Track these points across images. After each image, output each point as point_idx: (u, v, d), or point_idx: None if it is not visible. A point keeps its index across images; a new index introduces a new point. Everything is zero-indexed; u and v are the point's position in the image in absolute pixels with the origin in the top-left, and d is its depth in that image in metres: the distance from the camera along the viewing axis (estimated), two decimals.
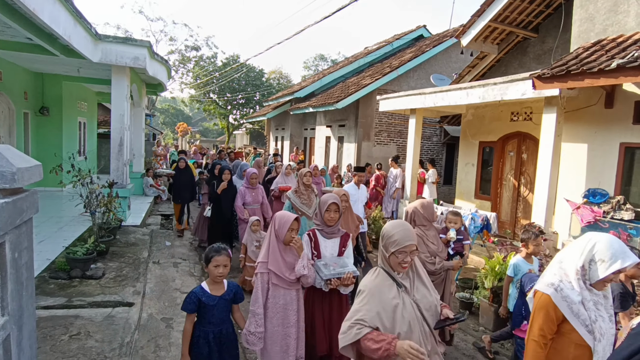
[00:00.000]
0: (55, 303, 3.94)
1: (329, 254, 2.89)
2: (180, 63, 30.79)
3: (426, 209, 3.44)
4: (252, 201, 5.73)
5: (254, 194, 5.77)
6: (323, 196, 3.01)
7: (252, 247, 4.83)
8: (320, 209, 2.93)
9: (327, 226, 2.92)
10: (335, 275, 2.66)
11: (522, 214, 7.56)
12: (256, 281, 2.63)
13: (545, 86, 5.02)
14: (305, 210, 4.91)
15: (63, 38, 5.31)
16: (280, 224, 2.67)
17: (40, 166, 1.51)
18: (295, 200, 4.96)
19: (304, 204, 4.97)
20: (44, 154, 9.06)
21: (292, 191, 5.10)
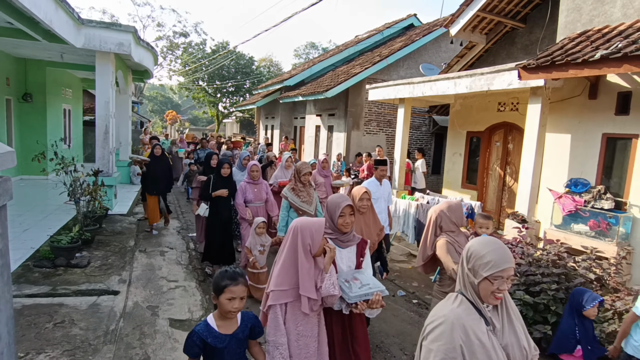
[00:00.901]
0: (39, 291, 3.92)
1: (346, 266, 2.45)
2: (168, 50, 30.26)
3: (454, 212, 3.00)
4: (254, 198, 5.02)
5: (256, 190, 5.07)
6: (332, 197, 2.55)
7: (256, 251, 4.43)
8: (330, 214, 2.48)
9: (342, 233, 2.47)
10: (363, 297, 2.21)
11: (507, 203, 7.68)
12: (273, 312, 2.13)
13: (531, 77, 5.06)
14: (306, 209, 4.49)
15: (44, 22, 5.18)
16: (311, 233, 2.14)
17: (13, 152, 1.49)
18: (294, 199, 4.47)
19: (305, 202, 4.50)
20: (28, 142, 8.90)
21: (288, 189, 4.56)
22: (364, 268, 2.48)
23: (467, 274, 1.53)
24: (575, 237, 5.06)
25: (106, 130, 7.42)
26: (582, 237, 5.03)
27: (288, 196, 4.49)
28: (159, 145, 6.96)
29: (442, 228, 2.98)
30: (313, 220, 2.24)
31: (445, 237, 2.92)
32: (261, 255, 4.45)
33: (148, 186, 6.81)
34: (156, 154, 6.87)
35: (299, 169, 4.56)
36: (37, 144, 6.53)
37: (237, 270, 1.94)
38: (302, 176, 4.52)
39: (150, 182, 6.78)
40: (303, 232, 2.14)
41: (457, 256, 2.85)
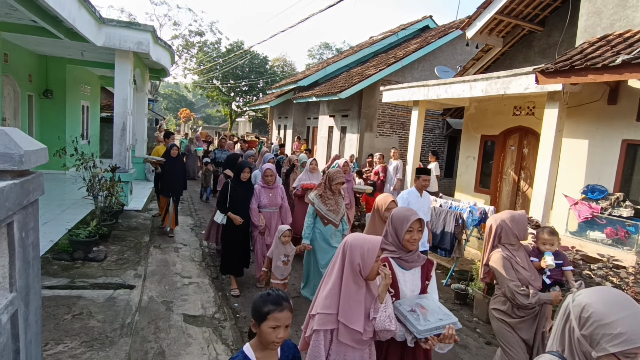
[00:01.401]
0: (58, 283, 4.03)
1: (410, 291, 2.13)
2: (184, 48, 30.62)
3: (518, 224, 2.72)
4: (268, 203, 4.74)
5: (271, 195, 4.75)
6: (398, 210, 2.28)
7: (279, 262, 4.06)
8: (396, 228, 2.18)
9: (407, 251, 2.16)
10: (434, 331, 1.91)
11: (520, 208, 7.59)
12: (316, 338, 1.90)
13: (548, 81, 5.00)
14: (332, 218, 4.28)
15: (67, 21, 5.31)
16: (362, 252, 1.87)
17: (45, 149, 1.55)
18: (320, 207, 4.25)
19: (331, 211, 4.27)
20: (48, 137, 9.11)
21: (315, 195, 4.31)
22: (430, 293, 2.19)
23: (578, 339, 1.16)
24: (591, 244, 4.99)
25: (123, 127, 7.57)
26: (598, 244, 4.96)
27: (314, 202, 4.27)
28: (176, 146, 6.72)
29: (501, 239, 2.74)
30: (367, 237, 1.95)
31: (501, 251, 2.68)
32: (285, 265, 4.10)
33: (162, 188, 6.62)
34: (172, 155, 6.62)
35: (331, 177, 4.28)
36: (59, 140, 6.69)
37: (280, 294, 1.68)
38: (334, 185, 4.26)
39: (164, 184, 6.56)
40: (353, 250, 1.88)
41: (513, 273, 2.62)
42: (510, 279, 2.59)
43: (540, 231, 3.01)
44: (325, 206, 4.24)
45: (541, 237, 2.95)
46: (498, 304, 2.80)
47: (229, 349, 3.43)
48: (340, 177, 4.28)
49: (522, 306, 2.61)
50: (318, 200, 4.28)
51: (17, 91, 8.49)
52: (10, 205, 1.27)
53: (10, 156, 1.28)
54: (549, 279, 2.88)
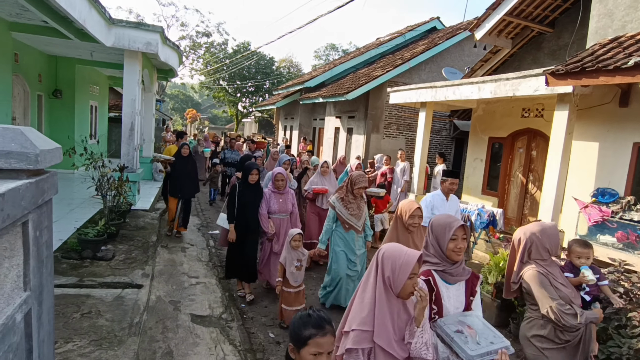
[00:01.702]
0: (67, 282, 4.05)
1: (453, 308, 1.94)
2: (191, 49, 30.79)
3: (550, 237, 2.45)
4: (278, 209, 4.53)
5: (281, 201, 4.55)
6: (439, 217, 2.09)
7: (292, 267, 3.89)
8: (437, 236, 1.98)
9: (452, 263, 1.97)
10: (486, 356, 1.73)
11: (529, 211, 7.53)
12: (351, 355, 1.72)
13: (559, 83, 4.96)
14: (354, 223, 4.12)
15: (78, 22, 5.36)
16: (394, 266, 1.68)
17: (60, 148, 1.56)
18: (342, 211, 4.11)
19: (353, 215, 4.11)
20: (57, 136, 9.19)
21: (336, 198, 4.17)
22: (474, 309, 2.00)
23: None
24: (602, 248, 4.93)
25: (132, 127, 7.61)
26: (608, 248, 4.90)
27: (336, 206, 4.12)
28: (186, 145, 6.49)
29: (531, 255, 2.47)
30: (402, 250, 1.72)
31: (535, 267, 2.42)
32: (298, 271, 3.90)
33: (171, 188, 6.38)
34: (183, 154, 6.40)
35: (353, 180, 4.13)
36: (68, 139, 6.74)
37: (322, 315, 1.52)
38: (356, 189, 4.10)
39: (174, 184, 6.35)
40: (385, 262, 1.70)
41: (554, 291, 2.34)
42: (553, 298, 2.31)
43: (572, 244, 2.79)
44: (346, 210, 4.07)
45: (575, 250, 2.73)
46: (536, 328, 2.44)
47: (236, 350, 3.43)
48: (363, 181, 4.11)
49: (568, 328, 2.31)
50: (339, 203, 4.11)
51: (27, 91, 8.58)
52: (25, 204, 1.28)
53: (26, 155, 1.29)
54: (588, 295, 2.66)
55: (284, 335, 3.86)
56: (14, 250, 1.30)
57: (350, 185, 4.13)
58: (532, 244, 2.47)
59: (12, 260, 1.28)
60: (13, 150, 1.26)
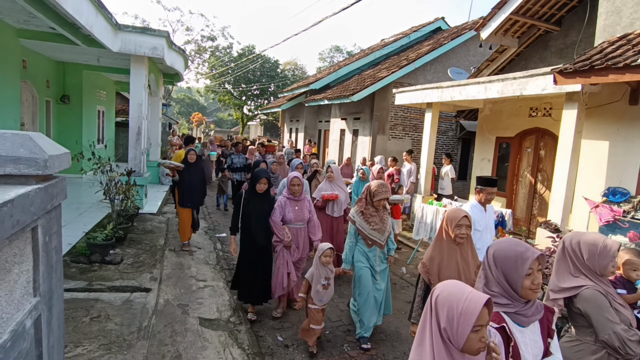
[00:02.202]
0: (76, 286, 4.07)
1: (532, 356, 1.60)
2: (196, 53, 30.96)
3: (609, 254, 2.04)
4: (294, 218, 4.16)
5: (297, 208, 4.16)
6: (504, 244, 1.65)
7: (319, 286, 3.50)
8: (505, 272, 1.59)
9: (525, 302, 1.61)
10: None
11: (537, 211, 7.45)
12: None
13: (567, 81, 4.90)
14: (377, 238, 3.70)
15: (85, 28, 5.41)
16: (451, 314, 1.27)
17: (68, 154, 1.56)
18: (363, 226, 3.70)
19: (375, 230, 3.69)
20: (65, 141, 9.27)
21: (356, 212, 3.77)
22: (554, 353, 1.66)
23: None
24: None
25: (139, 132, 7.66)
26: None
27: (356, 221, 3.74)
28: (193, 150, 6.00)
29: (583, 269, 2.10)
30: (462, 291, 1.30)
31: (593, 285, 2.07)
32: (325, 290, 3.53)
33: (182, 198, 5.88)
34: (190, 160, 5.90)
35: (373, 192, 3.69)
36: (76, 144, 6.79)
37: None
38: (376, 201, 3.68)
39: (185, 193, 5.86)
40: (440, 308, 1.30)
41: (614, 314, 2.02)
42: (616, 322, 1.99)
43: (625, 253, 2.45)
44: (368, 225, 3.66)
45: (629, 261, 2.39)
46: (585, 354, 2.10)
47: (244, 353, 3.41)
48: (384, 192, 3.65)
49: (628, 357, 1.99)
50: (359, 218, 3.71)
51: (35, 97, 8.68)
52: (35, 209, 1.28)
53: (35, 161, 1.29)
54: None
55: (292, 339, 3.84)
56: (24, 256, 1.30)
57: (370, 196, 3.69)
58: (590, 256, 2.09)
59: (21, 266, 1.28)
60: (22, 156, 1.26)
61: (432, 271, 2.82)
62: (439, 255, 2.82)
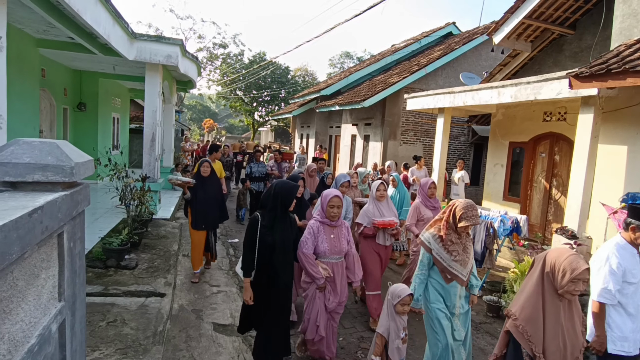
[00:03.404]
0: (93, 291, 4.13)
1: None
2: (208, 60, 31.35)
3: None
4: (329, 249, 3.21)
5: (333, 237, 3.25)
6: None
7: (398, 340, 2.78)
8: None
9: None
10: None
11: (553, 217, 7.33)
12: None
13: (583, 85, 4.84)
14: (458, 272, 2.90)
15: (102, 37, 5.53)
16: None
17: (92, 161, 1.60)
18: (441, 254, 2.90)
19: (457, 262, 2.89)
20: (81, 148, 9.32)
21: (432, 235, 2.98)
22: None
23: None
24: None
25: (153, 138, 7.77)
26: None
27: (432, 248, 2.95)
28: (207, 162, 5.10)
29: None
30: None
31: None
32: (404, 344, 2.84)
33: (194, 218, 4.99)
34: (203, 174, 4.99)
35: (459, 215, 2.83)
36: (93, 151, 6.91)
37: None
38: (461, 226, 2.85)
39: (198, 213, 4.97)
40: None
41: None
42: None
43: None
44: (449, 254, 2.88)
45: None
46: None
47: None
48: (474, 217, 2.81)
49: None
50: (438, 245, 2.93)
51: (53, 104, 8.88)
52: (62, 216, 1.31)
53: (62, 168, 1.32)
54: None
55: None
56: (50, 261, 1.33)
57: (452, 218, 2.90)
58: None
59: (48, 271, 1.31)
60: (50, 164, 1.30)
61: (536, 338, 2.12)
62: (539, 314, 2.13)
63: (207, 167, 5.06)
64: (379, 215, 4.23)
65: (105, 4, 5.29)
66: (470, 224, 2.81)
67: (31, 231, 1.06)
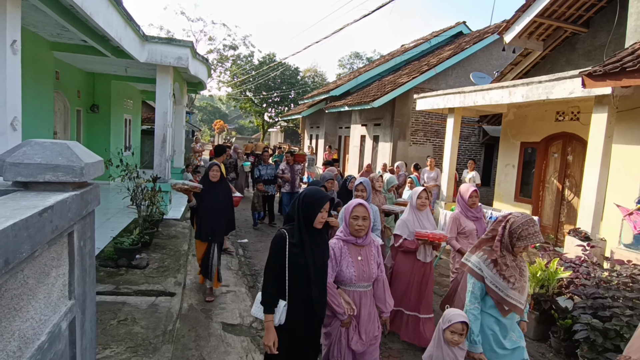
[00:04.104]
0: (104, 289, 4.19)
1: None
2: (218, 62, 31.62)
3: None
4: (355, 275, 2.55)
5: (360, 259, 2.59)
6: None
7: None
8: None
9: None
10: None
11: (565, 218, 7.22)
12: None
13: (597, 84, 4.75)
14: (516, 301, 2.35)
15: (114, 40, 5.61)
16: None
17: (102, 161, 1.62)
18: (497, 282, 2.36)
19: (516, 289, 2.35)
20: (94, 149, 9.48)
21: (483, 259, 2.43)
22: None
23: None
24: None
25: (164, 139, 7.86)
26: None
27: (486, 275, 2.39)
28: (217, 165, 4.57)
29: None
30: None
31: None
32: None
33: (200, 228, 4.48)
34: (212, 179, 4.49)
35: (519, 233, 2.31)
36: (105, 152, 7.02)
37: None
38: (519, 246, 2.33)
39: (203, 222, 4.46)
40: None
41: None
42: None
43: None
44: (505, 281, 2.34)
45: None
46: None
47: None
48: (535, 234, 2.29)
49: None
50: (491, 270, 2.39)
51: (67, 106, 9.04)
52: (72, 215, 1.33)
53: (72, 168, 1.34)
54: None
55: None
56: (61, 260, 1.36)
57: (509, 237, 2.35)
58: None
59: (58, 269, 1.34)
60: (60, 164, 1.32)
61: None
62: None
63: (217, 171, 4.53)
64: (419, 226, 3.74)
65: (117, 7, 5.37)
66: (531, 244, 2.30)
67: (41, 230, 1.08)
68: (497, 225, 2.46)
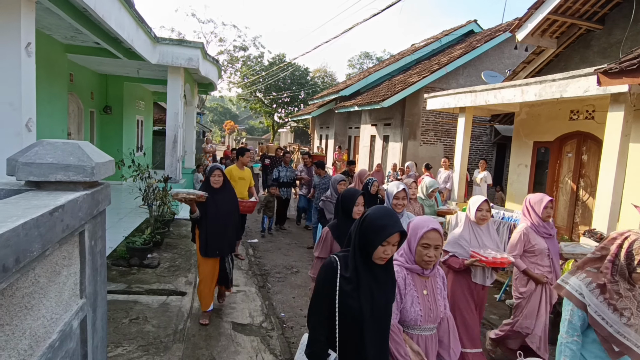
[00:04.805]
0: (117, 288, 4.24)
1: None
2: (228, 63, 31.81)
3: None
4: (423, 315, 2.00)
5: (426, 293, 2.05)
6: None
7: None
8: None
9: None
10: None
11: (580, 219, 7.08)
12: None
13: (613, 82, 4.64)
14: (634, 342, 1.79)
15: (126, 42, 5.68)
16: None
17: (113, 161, 1.63)
18: (606, 314, 1.83)
19: (631, 326, 1.81)
20: (107, 150, 9.66)
21: (587, 284, 1.91)
22: None
23: None
24: None
25: (175, 140, 7.93)
26: None
27: (588, 302, 1.88)
28: (219, 169, 4.00)
29: None
30: None
31: None
32: None
33: (204, 242, 3.84)
34: (214, 185, 3.91)
35: None
36: (117, 152, 7.11)
37: None
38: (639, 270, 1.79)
39: (209, 235, 3.83)
40: None
41: None
42: None
43: None
44: (616, 314, 1.82)
45: None
46: None
47: (276, 359, 3.42)
48: None
49: None
50: (596, 296, 1.87)
51: (80, 108, 9.19)
52: (82, 214, 1.34)
53: (83, 168, 1.35)
54: None
55: None
56: (72, 259, 1.37)
57: (628, 259, 1.82)
58: None
59: (70, 268, 1.35)
60: (71, 164, 1.33)
61: None
62: None
63: (219, 176, 3.94)
64: (477, 245, 3.11)
65: (129, 9, 5.44)
66: None
67: (52, 229, 1.08)
68: (609, 242, 1.93)
